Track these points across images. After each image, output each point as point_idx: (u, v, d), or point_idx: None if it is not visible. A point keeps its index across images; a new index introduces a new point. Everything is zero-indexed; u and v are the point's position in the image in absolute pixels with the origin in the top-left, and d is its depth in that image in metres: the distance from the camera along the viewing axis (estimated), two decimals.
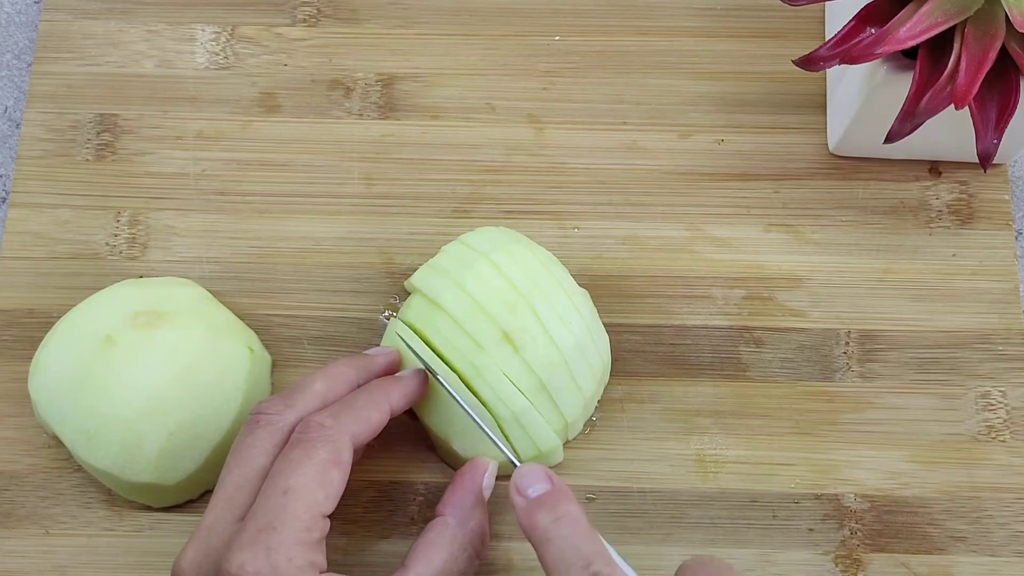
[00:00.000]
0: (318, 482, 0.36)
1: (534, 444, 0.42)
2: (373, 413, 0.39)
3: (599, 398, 0.45)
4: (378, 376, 0.41)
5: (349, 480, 0.38)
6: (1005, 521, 0.44)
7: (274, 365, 0.46)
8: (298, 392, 0.39)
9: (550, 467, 0.44)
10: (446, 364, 0.42)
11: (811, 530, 0.44)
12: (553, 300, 0.43)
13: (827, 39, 0.43)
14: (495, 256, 0.43)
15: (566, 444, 0.44)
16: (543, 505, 0.37)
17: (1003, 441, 0.45)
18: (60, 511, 0.44)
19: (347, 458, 0.37)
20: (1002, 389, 0.45)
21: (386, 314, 0.46)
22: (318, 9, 0.51)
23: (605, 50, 0.51)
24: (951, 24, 0.39)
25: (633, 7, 0.51)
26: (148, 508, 0.44)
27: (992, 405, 0.45)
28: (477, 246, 0.44)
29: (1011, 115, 0.40)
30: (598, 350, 0.44)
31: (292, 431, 0.38)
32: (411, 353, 0.42)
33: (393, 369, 0.42)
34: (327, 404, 0.39)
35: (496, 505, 0.44)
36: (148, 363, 0.41)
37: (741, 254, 0.47)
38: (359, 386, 0.41)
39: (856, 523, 0.44)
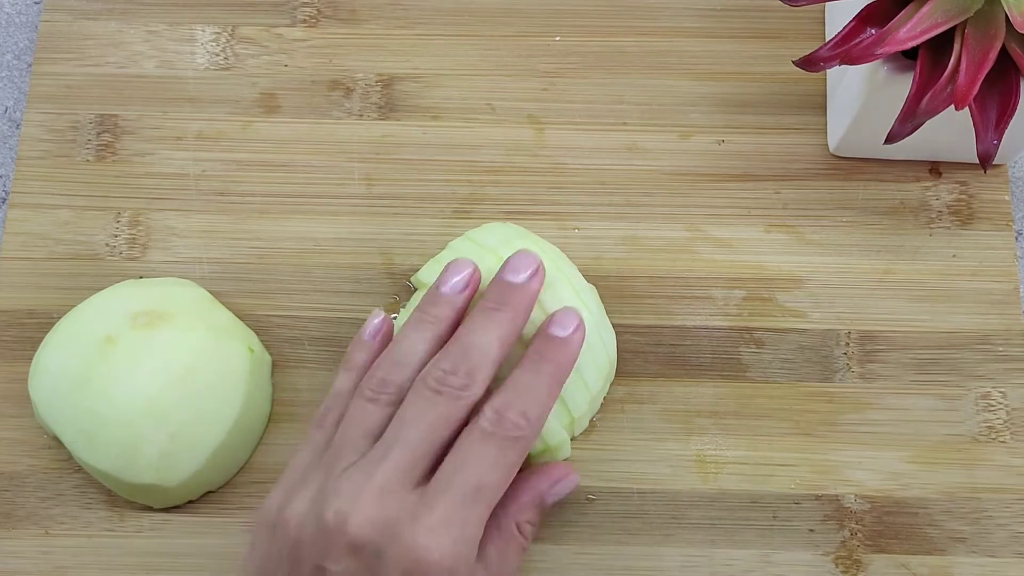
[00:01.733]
0: (504, 485, 0.37)
1: (542, 438, 0.42)
2: (551, 400, 0.39)
3: (605, 394, 0.45)
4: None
5: None
6: (1005, 522, 0.44)
7: (274, 366, 0.46)
8: (477, 360, 0.38)
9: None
10: None
11: (811, 531, 0.44)
12: (561, 296, 0.43)
13: (827, 40, 0.43)
14: (502, 251, 0.43)
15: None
16: None
17: (1003, 442, 0.45)
18: (60, 512, 0.44)
19: None
20: (1002, 390, 0.45)
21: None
22: (318, 10, 0.51)
23: (605, 50, 0.51)
24: (951, 25, 0.39)
25: (633, 7, 0.51)
26: (149, 509, 0.44)
27: (992, 406, 0.45)
28: (484, 242, 0.44)
29: (1011, 116, 0.40)
30: (605, 347, 0.44)
31: (472, 408, 0.38)
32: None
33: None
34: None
35: None
36: (148, 364, 0.41)
37: (741, 255, 0.47)
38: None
39: (856, 524, 0.44)
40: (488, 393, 0.39)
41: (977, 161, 0.41)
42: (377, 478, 0.36)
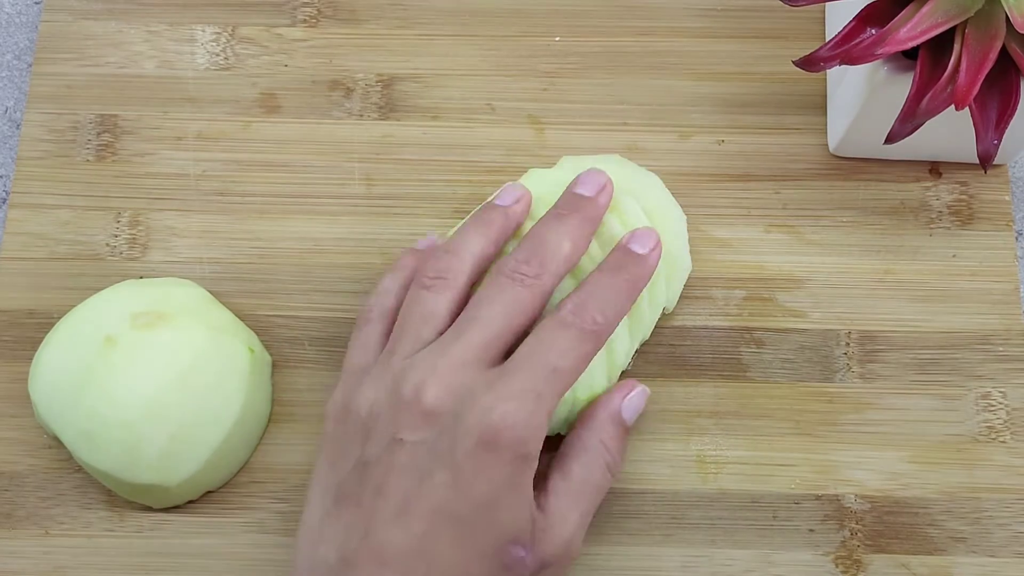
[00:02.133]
0: (576, 374, 0.38)
1: (589, 385, 0.42)
2: (626, 308, 0.40)
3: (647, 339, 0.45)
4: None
5: None
6: (1005, 522, 0.44)
7: (274, 366, 0.46)
8: (547, 252, 0.40)
9: None
10: None
11: (811, 531, 0.44)
12: (631, 223, 0.43)
13: (827, 40, 0.43)
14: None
15: None
16: None
17: (1003, 442, 0.45)
18: (60, 512, 0.44)
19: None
20: (1002, 390, 0.45)
21: None
22: (318, 10, 0.51)
23: (605, 50, 0.51)
24: (951, 25, 0.39)
25: (633, 7, 0.51)
26: (149, 509, 0.44)
27: (992, 406, 0.45)
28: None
29: (1011, 116, 0.40)
30: (671, 280, 0.45)
31: (547, 297, 0.40)
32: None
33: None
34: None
35: None
36: (149, 364, 0.41)
37: (741, 255, 0.47)
38: None
39: (856, 524, 0.44)
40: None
41: (977, 161, 0.41)
42: (453, 354, 0.37)
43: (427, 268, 0.40)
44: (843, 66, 0.41)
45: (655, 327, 0.46)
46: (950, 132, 0.44)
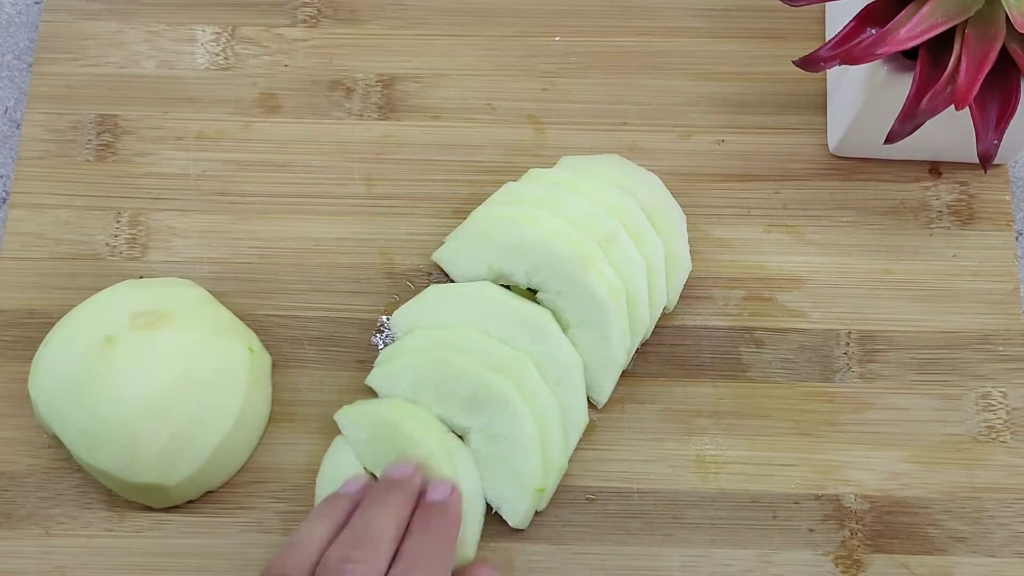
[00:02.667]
0: None
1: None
2: (450, 559, 0.40)
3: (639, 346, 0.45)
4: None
5: None
6: (1005, 522, 0.44)
7: (274, 365, 0.46)
8: (374, 536, 0.38)
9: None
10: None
11: (811, 531, 0.44)
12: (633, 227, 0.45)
13: (827, 40, 0.43)
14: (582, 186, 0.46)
15: None
16: None
17: (1003, 442, 0.45)
18: (60, 512, 0.44)
19: None
20: (1002, 390, 0.45)
21: (383, 319, 0.46)
22: (318, 10, 0.51)
23: (605, 50, 0.51)
24: (951, 25, 0.39)
25: (633, 7, 0.51)
26: (148, 509, 0.44)
27: (992, 406, 0.45)
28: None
29: (1011, 116, 0.40)
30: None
31: None
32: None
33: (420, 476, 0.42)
34: None
35: None
36: (148, 364, 0.41)
37: (741, 255, 0.47)
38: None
39: (856, 524, 0.44)
40: None
41: (977, 161, 0.41)
42: None
43: (273, 563, 0.38)
44: (843, 66, 0.41)
45: (655, 327, 0.46)
46: (950, 132, 0.44)
